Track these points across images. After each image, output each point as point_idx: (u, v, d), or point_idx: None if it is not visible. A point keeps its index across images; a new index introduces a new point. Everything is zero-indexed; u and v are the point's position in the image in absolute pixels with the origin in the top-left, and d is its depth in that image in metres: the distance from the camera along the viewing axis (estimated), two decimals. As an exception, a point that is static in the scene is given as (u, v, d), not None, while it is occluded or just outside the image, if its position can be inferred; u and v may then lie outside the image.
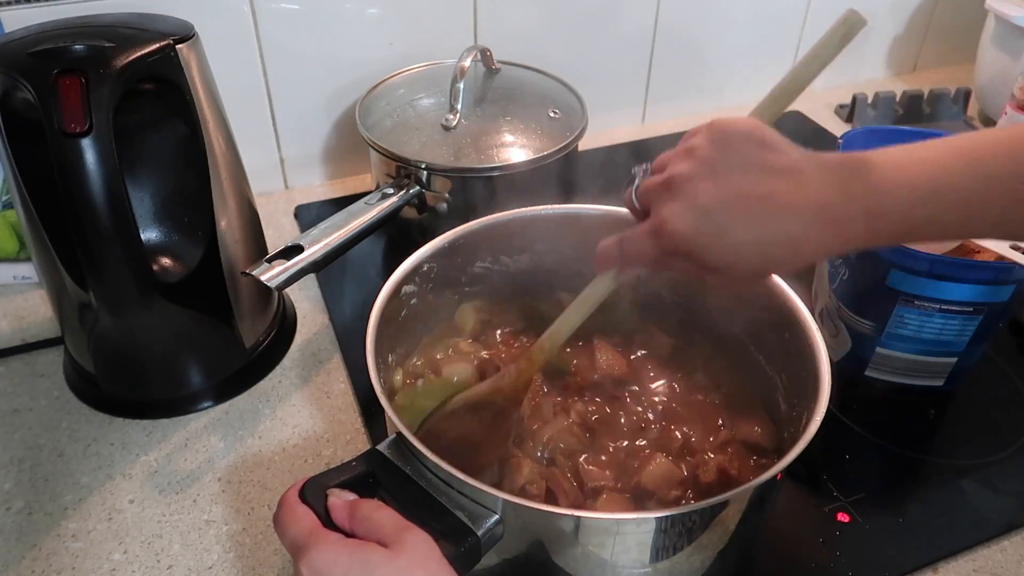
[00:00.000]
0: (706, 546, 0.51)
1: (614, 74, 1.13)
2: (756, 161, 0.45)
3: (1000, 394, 0.76)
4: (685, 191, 0.46)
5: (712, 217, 0.45)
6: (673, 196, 0.46)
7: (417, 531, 0.44)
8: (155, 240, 0.72)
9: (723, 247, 0.45)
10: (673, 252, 0.47)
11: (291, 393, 0.75)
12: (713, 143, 0.46)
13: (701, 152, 0.46)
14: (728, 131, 0.47)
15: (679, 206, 0.46)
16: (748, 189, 0.45)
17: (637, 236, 0.49)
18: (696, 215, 0.45)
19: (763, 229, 0.45)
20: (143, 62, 0.60)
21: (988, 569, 0.61)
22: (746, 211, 0.45)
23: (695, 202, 0.45)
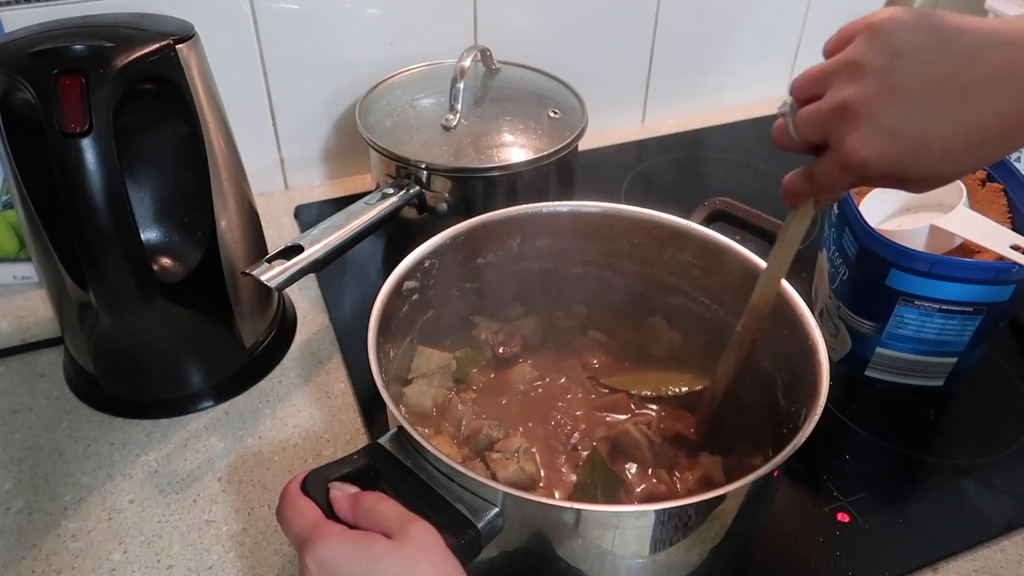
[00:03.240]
0: (704, 540, 0.51)
1: (614, 74, 1.13)
2: (936, 53, 0.41)
3: (1000, 394, 0.76)
4: (867, 115, 0.42)
5: (904, 135, 0.41)
6: (854, 123, 0.42)
7: (421, 522, 0.44)
8: (155, 240, 0.72)
9: (926, 161, 0.42)
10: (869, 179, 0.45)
11: (291, 393, 0.75)
12: (881, 50, 0.42)
13: (871, 65, 0.42)
14: (893, 30, 0.42)
15: (864, 133, 0.42)
16: (937, 87, 0.41)
17: (826, 169, 0.46)
18: (887, 139, 0.42)
19: (968, 126, 0.41)
20: (143, 62, 0.60)
21: (988, 569, 0.61)
22: (941, 115, 0.41)
23: (882, 124, 0.41)
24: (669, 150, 1.12)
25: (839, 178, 0.45)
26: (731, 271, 0.65)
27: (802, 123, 0.46)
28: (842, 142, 0.43)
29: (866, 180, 0.46)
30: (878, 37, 0.42)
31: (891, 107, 0.41)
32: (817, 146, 0.46)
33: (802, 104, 0.46)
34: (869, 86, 0.42)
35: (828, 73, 0.44)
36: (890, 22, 0.42)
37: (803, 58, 1.24)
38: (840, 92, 0.43)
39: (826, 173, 0.46)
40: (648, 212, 0.69)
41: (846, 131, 0.43)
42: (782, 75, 1.25)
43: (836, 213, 0.75)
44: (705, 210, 0.72)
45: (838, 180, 0.45)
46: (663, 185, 1.04)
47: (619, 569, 0.51)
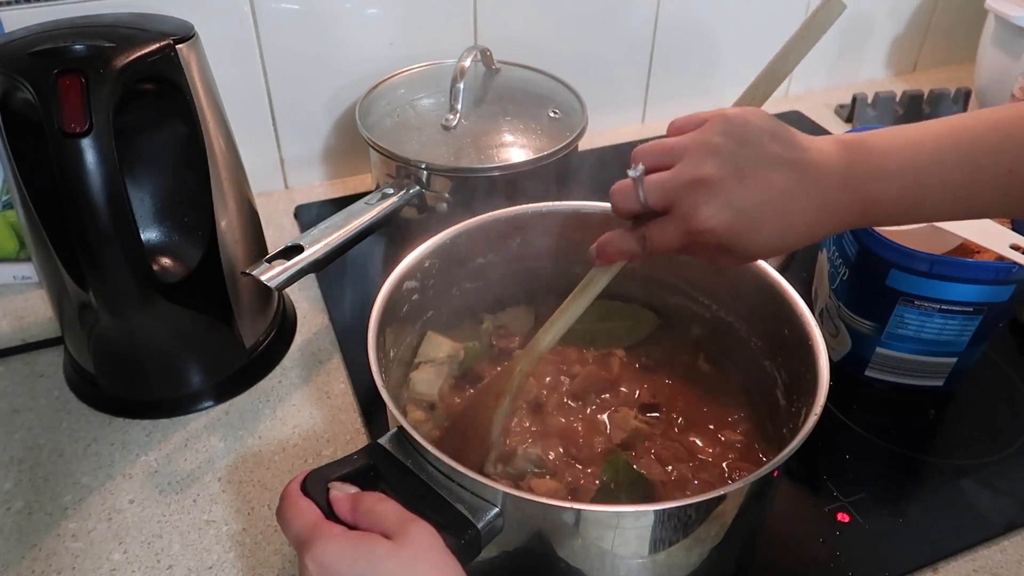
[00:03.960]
0: (704, 540, 0.51)
1: (614, 74, 1.13)
2: (772, 156, 0.48)
3: (1000, 394, 0.76)
4: (719, 191, 0.47)
5: (747, 215, 0.48)
6: (708, 196, 0.48)
7: (421, 522, 0.44)
8: (155, 240, 0.72)
9: (756, 240, 0.48)
10: (702, 245, 0.50)
11: (291, 393, 0.75)
12: (735, 139, 0.48)
13: (724, 149, 0.48)
14: (745, 125, 0.49)
15: (716, 206, 0.47)
16: (770, 186, 0.48)
17: (665, 231, 0.50)
18: (733, 214, 0.47)
19: (785, 221, 0.48)
20: (143, 62, 0.60)
21: (988, 569, 0.61)
22: (772, 207, 0.48)
23: (731, 202, 0.47)
24: (669, 150, 1.12)
25: (675, 241, 0.50)
26: (731, 271, 0.65)
27: (653, 188, 0.50)
28: (694, 211, 0.48)
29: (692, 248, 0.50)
30: (730, 126, 0.49)
31: (738, 189, 0.47)
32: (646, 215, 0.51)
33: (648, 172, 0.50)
34: (723, 166, 0.48)
35: (680, 148, 0.50)
36: (742, 116, 0.49)
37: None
38: (695, 167, 0.48)
39: (663, 236, 0.50)
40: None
41: (699, 202, 0.48)
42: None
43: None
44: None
45: (673, 243, 0.50)
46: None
47: (619, 569, 0.51)
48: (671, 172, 0.49)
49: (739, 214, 0.48)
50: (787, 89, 1.27)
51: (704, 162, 0.48)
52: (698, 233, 0.49)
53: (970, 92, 1.21)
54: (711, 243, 0.49)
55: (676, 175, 0.49)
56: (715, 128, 0.49)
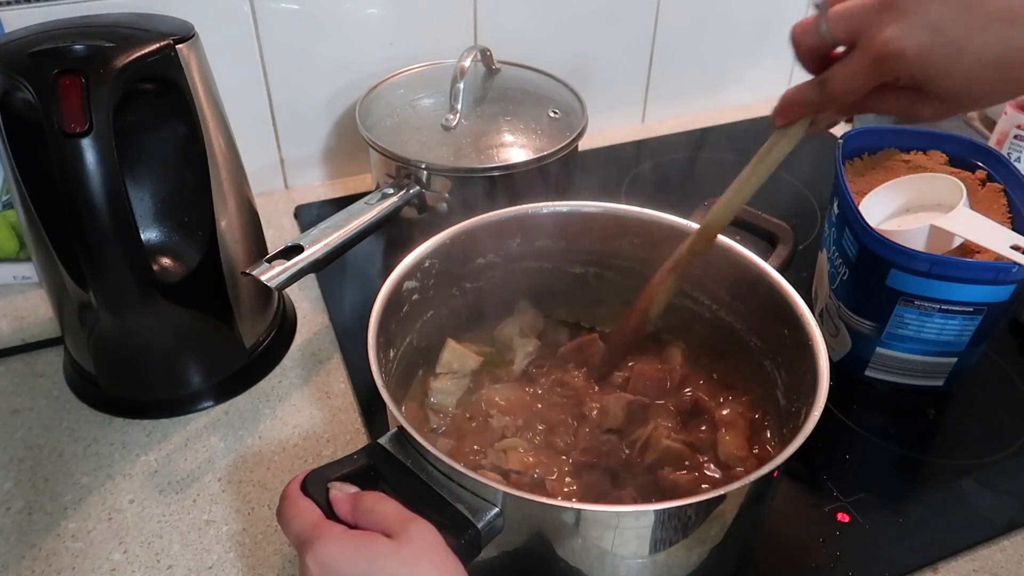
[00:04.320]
0: (704, 540, 0.52)
1: (614, 74, 1.13)
2: None
3: (1000, 394, 0.76)
4: (913, 8, 0.40)
5: (947, 33, 0.40)
6: (896, 14, 0.41)
7: (421, 522, 0.44)
8: (155, 240, 0.72)
9: (959, 68, 0.41)
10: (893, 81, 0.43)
11: (291, 393, 0.75)
12: None
13: None
14: None
15: (907, 24, 0.41)
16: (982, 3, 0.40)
17: (849, 67, 0.44)
18: (929, 32, 0.40)
19: (1005, 43, 0.40)
20: (143, 62, 0.60)
21: (988, 569, 0.62)
22: (984, 24, 0.40)
23: (926, 17, 0.40)
24: (669, 150, 1.12)
25: (860, 78, 0.43)
26: (731, 271, 0.65)
27: (838, 15, 0.43)
28: (880, 31, 0.41)
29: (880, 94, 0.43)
30: None
31: (937, 5, 0.40)
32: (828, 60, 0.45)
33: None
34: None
35: None
36: None
37: (803, 58, 1.24)
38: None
39: (847, 73, 0.44)
40: (648, 212, 0.69)
41: (887, 22, 0.41)
42: (782, 75, 1.25)
43: (836, 213, 0.75)
44: (705, 210, 0.72)
45: (858, 80, 0.43)
46: (663, 185, 1.04)
47: (619, 569, 0.51)
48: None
49: (938, 33, 0.40)
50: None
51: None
52: (885, 59, 0.41)
53: (970, 92, 1.20)
54: (902, 75, 0.42)
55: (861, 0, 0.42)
56: None
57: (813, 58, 0.46)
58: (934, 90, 0.42)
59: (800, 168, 1.08)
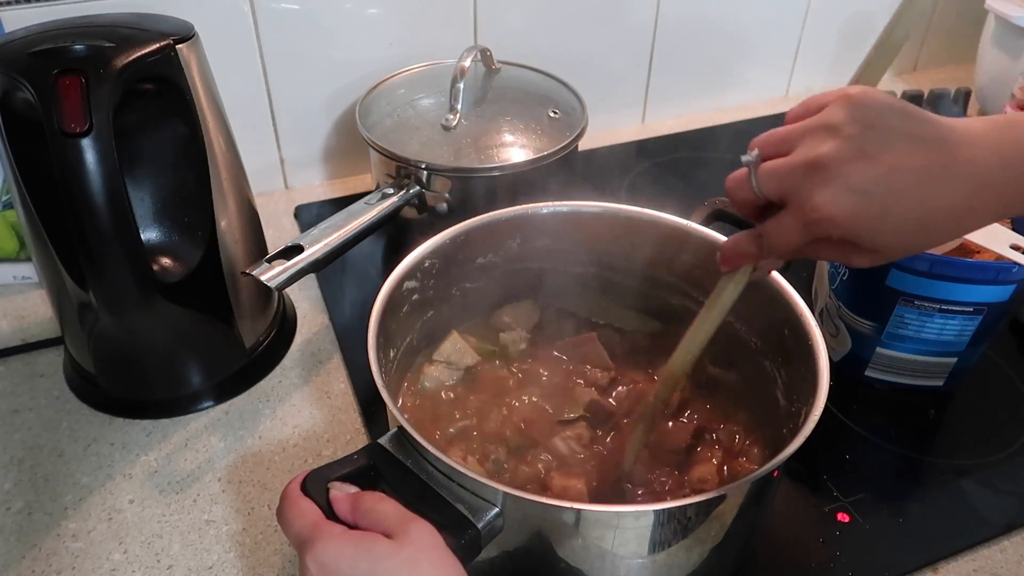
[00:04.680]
0: (704, 540, 0.52)
1: (614, 74, 1.13)
2: (903, 133, 0.43)
3: (1000, 394, 0.76)
4: (838, 173, 0.42)
5: (871, 199, 0.42)
6: (825, 180, 0.42)
7: (421, 522, 0.44)
8: (155, 240, 0.72)
9: (884, 229, 0.43)
10: (825, 238, 0.44)
11: (291, 393, 0.75)
12: (855, 118, 0.43)
13: (845, 130, 0.43)
14: (868, 104, 0.43)
15: (834, 190, 0.42)
16: (903, 163, 0.42)
17: (783, 226, 0.45)
18: (855, 198, 0.42)
19: (923, 206, 0.42)
20: (143, 62, 0.60)
21: (988, 569, 0.61)
22: (905, 187, 0.42)
23: (852, 185, 0.42)
24: (669, 150, 1.12)
25: (794, 236, 0.45)
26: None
27: (767, 175, 0.45)
28: (810, 197, 0.43)
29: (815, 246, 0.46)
30: (854, 106, 0.43)
31: (861, 170, 0.42)
32: (765, 209, 0.47)
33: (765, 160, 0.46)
34: (843, 148, 0.42)
35: (798, 133, 0.45)
36: (866, 95, 0.44)
37: (803, 58, 1.24)
38: (812, 150, 0.43)
39: (781, 230, 0.46)
40: (648, 212, 0.69)
41: (815, 187, 0.43)
42: (782, 75, 1.25)
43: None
44: (705, 210, 0.72)
45: (792, 238, 0.45)
46: (663, 185, 1.04)
47: (619, 569, 0.51)
48: (787, 158, 0.45)
49: (863, 197, 0.42)
50: (787, 89, 1.27)
51: (822, 143, 0.43)
52: (816, 223, 0.43)
53: (970, 92, 1.20)
54: (833, 235, 0.43)
55: (791, 160, 0.44)
56: (835, 109, 0.44)
57: (747, 209, 0.48)
58: (865, 246, 0.44)
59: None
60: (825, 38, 1.24)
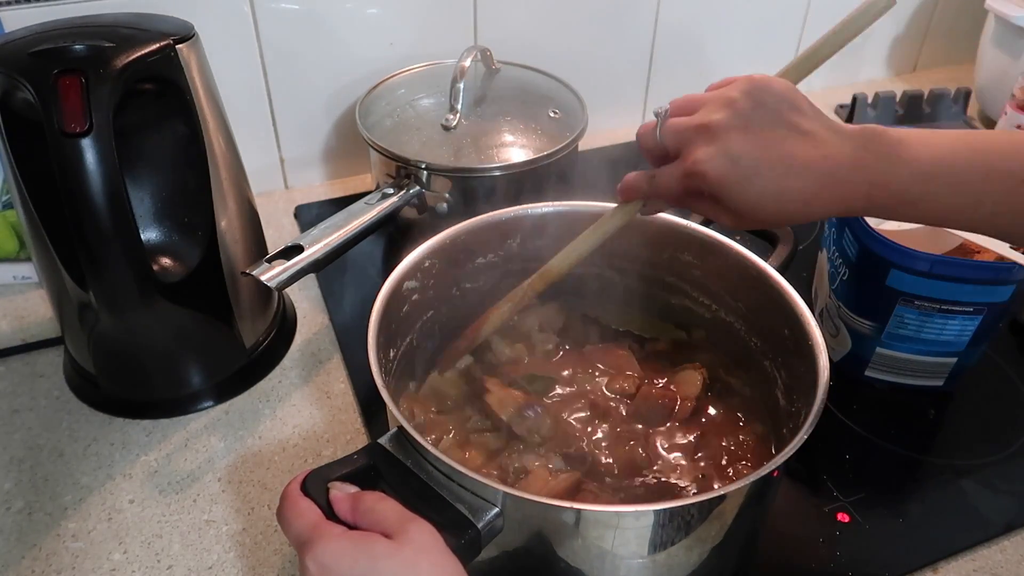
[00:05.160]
0: (704, 540, 0.51)
1: (614, 74, 1.13)
2: (785, 120, 0.50)
3: (1000, 394, 0.76)
4: (720, 138, 0.49)
5: (740, 165, 0.49)
6: (708, 140, 0.50)
7: (421, 522, 0.44)
8: (155, 240, 0.72)
9: (746, 194, 0.49)
10: (698, 192, 0.51)
11: (291, 393, 0.75)
12: (751, 98, 0.50)
13: (739, 105, 0.50)
14: (766, 89, 0.50)
15: (713, 150, 0.49)
16: (774, 145, 0.49)
17: (669, 173, 0.53)
18: (727, 161, 0.49)
19: (781, 183, 0.49)
20: (143, 62, 0.60)
21: (988, 569, 0.61)
22: (769, 165, 0.49)
23: (728, 149, 0.49)
24: (669, 150, 1.12)
25: (675, 183, 0.52)
26: (731, 271, 0.65)
27: (668, 129, 0.52)
28: (693, 152, 0.50)
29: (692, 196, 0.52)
30: (754, 87, 0.51)
31: (740, 140, 0.49)
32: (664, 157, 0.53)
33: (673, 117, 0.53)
34: (731, 118, 0.49)
35: (703, 100, 0.52)
36: (767, 81, 0.51)
37: (803, 58, 1.24)
38: (707, 115, 0.50)
39: (667, 176, 0.53)
40: (648, 212, 0.69)
41: (700, 144, 0.50)
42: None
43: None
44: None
45: (673, 184, 0.52)
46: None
47: (619, 569, 0.51)
48: (687, 117, 0.52)
49: (733, 163, 0.49)
50: (787, 89, 1.27)
51: (716, 111, 0.50)
52: (691, 175, 0.50)
53: (970, 92, 1.21)
54: (703, 189, 0.50)
55: (689, 119, 0.51)
56: (737, 86, 0.51)
57: (652, 156, 0.55)
58: (728, 205, 0.51)
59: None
60: (825, 38, 1.24)
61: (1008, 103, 1.01)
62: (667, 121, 0.53)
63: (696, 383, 0.65)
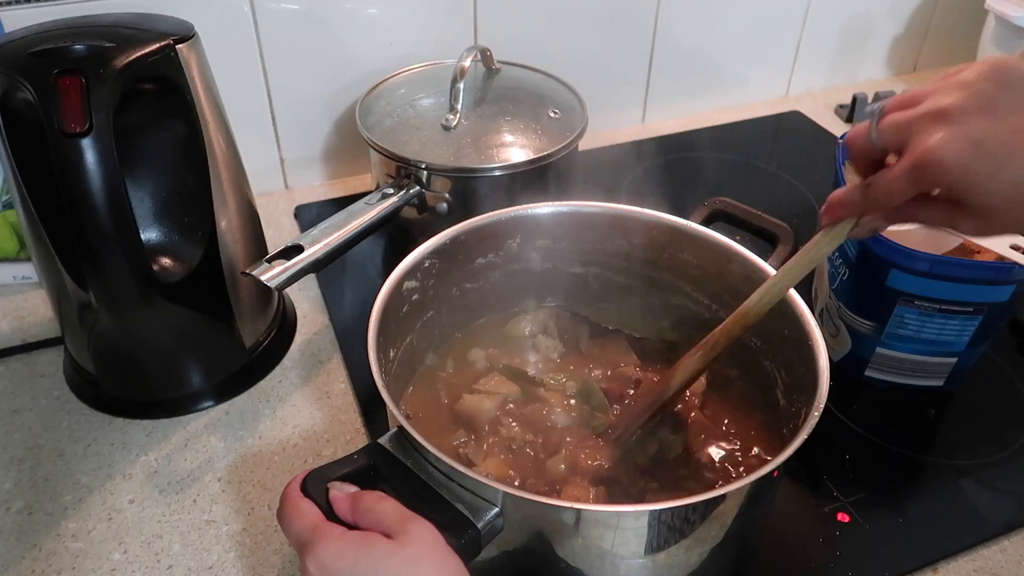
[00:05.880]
0: (704, 540, 0.52)
1: (614, 74, 1.13)
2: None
3: (1000, 394, 0.76)
4: (959, 121, 0.41)
5: (988, 150, 0.41)
6: (944, 124, 0.41)
7: (421, 521, 0.44)
8: (155, 240, 0.72)
9: (994, 186, 0.41)
10: (930, 192, 0.43)
11: (291, 393, 0.75)
12: (992, 78, 0.42)
13: (977, 86, 0.42)
14: (1010, 68, 0.42)
15: (950, 135, 0.41)
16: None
17: (891, 175, 0.44)
18: (970, 146, 0.41)
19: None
20: (143, 62, 0.60)
21: (988, 569, 0.61)
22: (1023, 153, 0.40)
23: (970, 132, 0.41)
24: (669, 150, 1.12)
25: (900, 184, 0.44)
26: (731, 271, 0.65)
27: (887, 124, 0.44)
28: (925, 139, 0.42)
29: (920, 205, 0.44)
30: (993, 68, 0.42)
31: (984, 121, 0.41)
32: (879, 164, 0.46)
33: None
34: (970, 99, 0.41)
35: (928, 91, 0.44)
36: (1007, 62, 0.42)
37: (803, 58, 1.24)
38: (938, 101, 0.42)
39: (889, 180, 0.44)
40: (648, 212, 0.69)
41: (933, 131, 0.42)
42: (782, 75, 1.25)
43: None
44: (705, 210, 0.72)
45: (898, 186, 0.44)
46: (663, 185, 1.04)
47: (619, 569, 0.51)
48: (911, 110, 0.44)
49: (977, 149, 0.40)
50: (787, 89, 1.27)
51: (949, 95, 0.42)
52: (925, 167, 0.42)
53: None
54: (941, 184, 0.42)
55: (915, 110, 0.43)
56: (972, 70, 0.43)
57: (864, 162, 0.47)
58: (972, 205, 0.42)
59: (800, 168, 1.08)
60: (825, 38, 1.24)
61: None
62: (885, 117, 0.45)
63: (700, 379, 0.65)
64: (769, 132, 1.18)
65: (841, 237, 0.50)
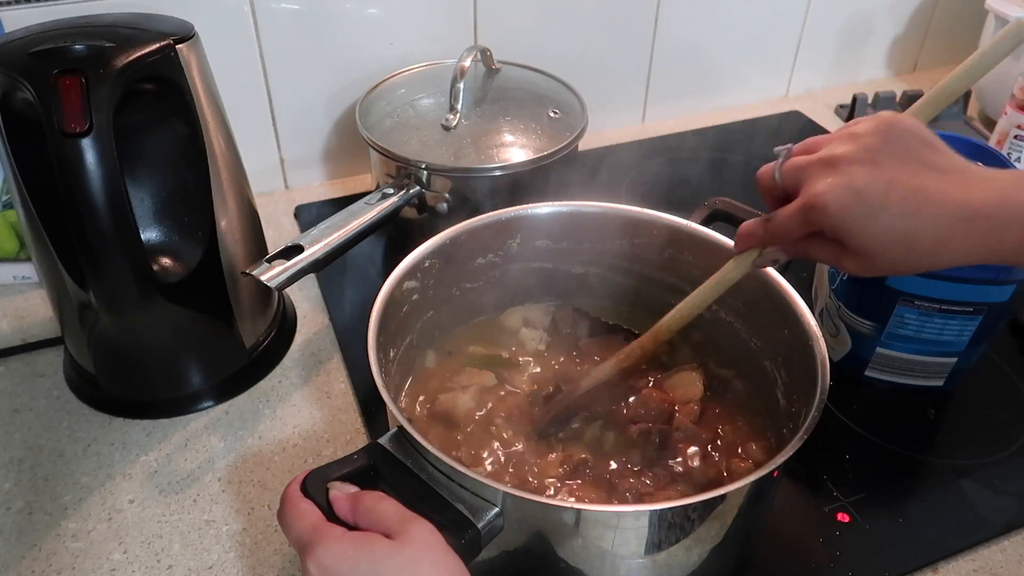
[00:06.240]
0: (704, 540, 0.52)
1: (614, 74, 1.13)
2: (917, 156, 0.46)
3: (1000, 394, 0.76)
4: (844, 170, 0.46)
5: (866, 199, 0.45)
6: (831, 172, 0.46)
7: (421, 521, 0.44)
8: (155, 240, 0.72)
9: (871, 232, 0.45)
10: (819, 232, 0.47)
11: (291, 393, 0.75)
12: (879, 132, 0.47)
13: (865, 139, 0.46)
14: (896, 125, 0.47)
15: (835, 182, 0.46)
16: (905, 179, 0.45)
17: (785, 213, 0.49)
18: (850, 194, 0.45)
19: (911, 221, 0.44)
20: (143, 62, 0.60)
21: (988, 569, 0.61)
22: (899, 199, 0.44)
23: (852, 182, 0.45)
24: (669, 150, 1.12)
25: (793, 222, 0.48)
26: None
27: (788, 166, 0.49)
28: (815, 184, 0.47)
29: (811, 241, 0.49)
30: (882, 123, 0.47)
31: (865, 173, 0.45)
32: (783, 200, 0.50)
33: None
34: (857, 152, 0.46)
35: (827, 140, 0.49)
36: (896, 119, 0.47)
37: (803, 58, 1.24)
38: (831, 150, 0.47)
39: (784, 217, 0.49)
40: (648, 212, 0.69)
41: (822, 176, 0.46)
42: (782, 75, 1.25)
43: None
44: (705, 210, 0.72)
45: (791, 226, 0.49)
46: (663, 185, 1.04)
47: (619, 569, 0.51)
48: (808, 156, 0.49)
49: (857, 196, 0.45)
50: (787, 89, 1.27)
51: (840, 146, 0.47)
52: (810, 209, 0.46)
53: (970, 92, 1.21)
54: (824, 225, 0.46)
55: (810, 156, 0.48)
56: (865, 123, 0.48)
57: (771, 198, 0.52)
58: (852, 246, 0.46)
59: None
60: (825, 38, 1.24)
61: (1008, 103, 1.01)
62: (788, 160, 0.49)
63: (696, 384, 0.65)
64: (769, 132, 1.17)
65: (746, 265, 0.54)
